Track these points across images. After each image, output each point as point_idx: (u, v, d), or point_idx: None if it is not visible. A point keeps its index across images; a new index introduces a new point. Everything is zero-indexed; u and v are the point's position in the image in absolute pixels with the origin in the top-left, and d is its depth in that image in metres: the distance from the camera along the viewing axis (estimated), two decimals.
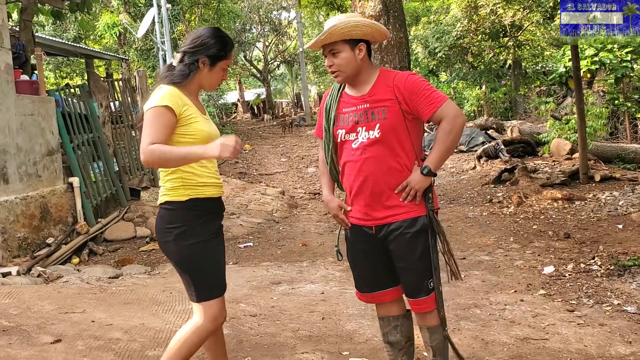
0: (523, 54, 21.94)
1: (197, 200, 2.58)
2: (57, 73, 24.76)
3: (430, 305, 2.72)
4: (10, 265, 6.13)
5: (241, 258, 7.20)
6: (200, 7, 26.17)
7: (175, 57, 2.67)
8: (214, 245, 2.63)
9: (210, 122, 2.73)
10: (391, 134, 2.63)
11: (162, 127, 2.47)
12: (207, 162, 2.62)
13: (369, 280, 2.87)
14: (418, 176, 2.63)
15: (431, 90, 2.61)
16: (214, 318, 2.59)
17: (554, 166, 11.52)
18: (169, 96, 2.51)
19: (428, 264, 2.67)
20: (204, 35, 2.64)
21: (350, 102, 2.74)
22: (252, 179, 14.44)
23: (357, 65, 2.67)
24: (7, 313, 4.25)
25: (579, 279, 5.12)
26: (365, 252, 2.80)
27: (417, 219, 2.66)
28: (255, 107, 39.19)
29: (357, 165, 2.69)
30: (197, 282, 2.59)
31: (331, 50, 2.67)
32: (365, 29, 2.65)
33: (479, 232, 7.44)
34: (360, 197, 2.73)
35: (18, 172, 6.79)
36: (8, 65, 6.82)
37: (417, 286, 2.70)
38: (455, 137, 2.62)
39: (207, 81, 2.67)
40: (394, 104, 2.62)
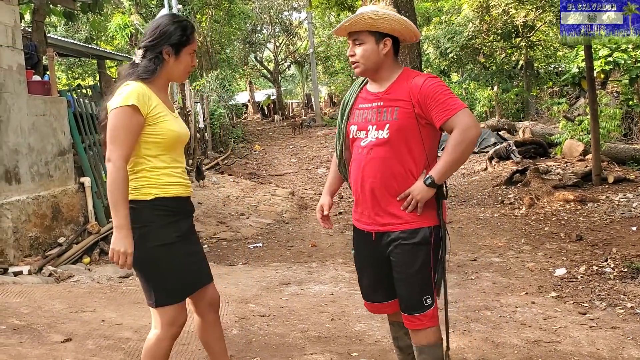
0: (535, 54, 21.82)
1: (163, 199, 2.46)
2: (69, 74, 24.94)
3: (425, 323, 2.56)
4: (22, 264, 6.16)
5: (250, 258, 7.21)
6: (211, 8, 26.24)
7: (137, 54, 2.54)
8: (179, 248, 2.49)
9: (180, 121, 2.63)
10: (400, 137, 2.50)
11: (130, 133, 2.38)
12: (173, 162, 2.53)
13: (372, 290, 2.76)
14: (420, 186, 2.47)
15: (447, 97, 2.44)
16: (169, 324, 2.49)
17: (567, 167, 11.45)
18: (135, 94, 2.39)
19: (427, 279, 2.53)
20: (162, 24, 2.51)
21: (367, 99, 2.64)
22: (262, 180, 14.47)
23: (378, 60, 2.55)
24: (18, 312, 4.27)
25: (591, 282, 5.07)
26: (367, 259, 2.71)
27: (418, 230, 2.51)
28: (265, 107, 39.27)
29: (361, 166, 2.58)
30: (154, 286, 2.47)
31: (355, 39, 2.56)
32: (393, 23, 2.50)
33: (490, 234, 7.40)
34: (362, 200, 2.62)
35: (30, 172, 6.83)
36: (20, 66, 6.86)
37: (412, 301, 2.55)
38: (466, 150, 2.43)
39: (175, 72, 2.55)
40: (407, 106, 2.49)
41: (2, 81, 6.45)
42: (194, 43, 2.56)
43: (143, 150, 2.46)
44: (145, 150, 2.47)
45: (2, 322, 3.99)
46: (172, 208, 2.50)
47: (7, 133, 6.46)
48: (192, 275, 2.57)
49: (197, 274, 2.61)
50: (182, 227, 2.53)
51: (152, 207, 2.44)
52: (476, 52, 20.86)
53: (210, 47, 27.26)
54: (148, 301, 2.53)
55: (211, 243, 8.20)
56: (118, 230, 2.34)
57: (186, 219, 2.60)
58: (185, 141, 2.64)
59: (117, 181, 2.34)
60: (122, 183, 2.35)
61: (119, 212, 2.34)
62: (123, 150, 2.36)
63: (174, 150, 2.54)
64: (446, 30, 20.73)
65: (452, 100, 2.44)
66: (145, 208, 2.43)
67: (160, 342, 2.51)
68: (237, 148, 20.16)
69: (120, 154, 2.35)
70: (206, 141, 18.25)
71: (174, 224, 2.49)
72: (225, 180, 13.12)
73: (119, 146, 2.36)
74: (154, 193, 2.45)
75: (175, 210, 2.52)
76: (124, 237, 2.34)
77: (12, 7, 6.79)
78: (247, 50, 35.30)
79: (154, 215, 2.44)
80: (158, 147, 2.48)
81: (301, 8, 34.20)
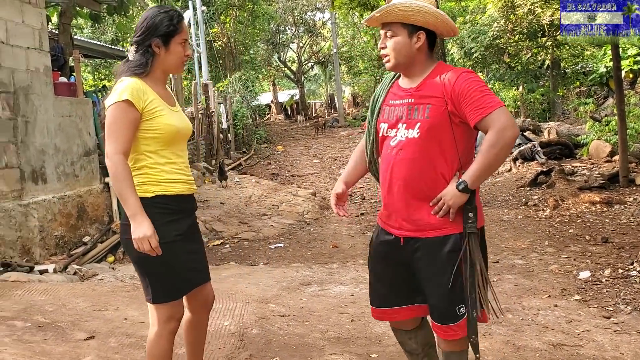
0: (562, 54, 21.52)
1: (163, 197, 2.44)
2: (95, 75, 25.30)
3: (458, 334, 2.39)
4: (48, 262, 6.27)
5: (272, 259, 7.24)
6: (235, 9, 26.41)
7: (130, 51, 2.53)
8: (179, 247, 2.46)
9: (180, 114, 2.59)
10: (432, 137, 2.32)
11: (126, 128, 2.36)
12: (175, 157, 2.50)
13: (383, 294, 2.58)
14: (453, 191, 2.29)
15: (483, 94, 2.25)
16: (166, 321, 2.49)
17: (593, 169, 11.28)
18: (129, 89, 2.37)
19: (459, 288, 2.34)
20: (147, 17, 2.48)
21: (398, 95, 2.47)
22: (284, 180, 14.52)
23: (410, 55, 2.39)
24: (43, 309, 4.35)
25: (616, 285, 4.99)
26: (387, 260, 2.54)
27: (449, 237, 2.33)
28: (288, 108, 39.38)
29: (389, 166, 2.42)
30: (152, 283, 2.47)
31: (387, 31, 2.40)
32: (428, 16, 2.33)
33: (513, 236, 7.32)
34: (390, 202, 2.46)
35: (56, 172, 6.95)
36: (47, 68, 6.99)
37: (446, 311, 2.38)
38: (501, 152, 2.23)
39: (168, 63, 2.51)
40: (440, 103, 2.31)
41: (29, 83, 6.57)
42: (184, 32, 2.51)
43: (142, 146, 2.45)
44: (145, 146, 2.45)
45: (27, 319, 4.07)
46: (172, 206, 2.47)
47: (34, 134, 6.58)
48: (190, 275, 2.56)
49: (195, 273, 2.60)
50: (183, 226, 2.51)
51: (152, 205, 2.41)
52: (501, 51, 20.64)
53: (234, 48, 27.44)
54: (146, 297, 2.52)
55: (233, 243, 8.25)
56: (133, 219, 2.34)
57: (188, 217, 2.57)
58: (187, 135, 2.61)
59: (118, 174, 2.33)
60: (123, 174, 2.33)
61: (127, 201, 2.34)
62: (119, 145, 2.34)
63: (174, 144, 2.51)
64: (470, 30, 20.55)
65: (488, 97, 2.26)
66: (146, 206, 2.38)
67: (159, 339, 2.51)
68: (260, 148, 20.27)
69: (116, 148, 2.34)
70: (229, 142, 18.38)
71: (174, 223, 2.47)
72: (248, 181, 13.20)
73: (115, 141, 2.35)
74: (154, 190, 2.43)
75: (176, 208, 2.49)
76: (140, 223, 2.33)
77: (39, 10, 6.92)
78: (271, 50, 35.46)
79: (154, 213, 2.39)
80: (157, 142, 2.45)
81: (325, 8, 34.24)
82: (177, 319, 2.54)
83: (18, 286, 5.04)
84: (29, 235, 6.28)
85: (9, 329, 3.83)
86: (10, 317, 4.07)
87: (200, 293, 2.65)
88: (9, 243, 5.99)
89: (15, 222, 6.10)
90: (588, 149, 12.43)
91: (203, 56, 21.51)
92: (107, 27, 22.29)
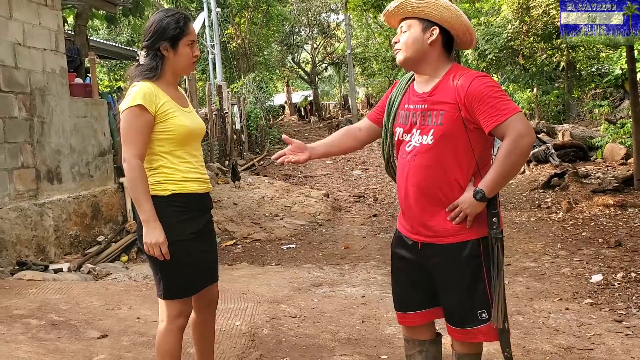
0: (577, 55, 21.37)
1: (179, 195, 2.51)
2: (111, 75, 25.53)
3: (478, 337, 2.35)
4: (62, 262, 6.35)
5: (283, 259, 7.27)
6: (250, 11, 26.51)
7: (141, 55, 2.60)
8: (193, 246, 2.53)
9: (193, 115, 2.65)
10: (446, 144, 2.26)
11: (141, 132, 2.44)
12: (189, 157, 2.57)
13: (403, 299, 2.55)
14: (470, 199, 2.25)
15: (498, 99, 2.18)
16: (175, 317, 2.56)
17: (607, 171, 11.20)
18: (141, 93, 2.44)
19: (481, 293, 2.30)
20: (155, 21, 2.54)
21: (412, 99, 2.41)
22: (297, 181, 14.56)
23: (422, 50, 2.32)
24: (57, 308, 4.41)
25: (628, 289, 4.96)
26: (405, 265, 2.51)
27: (466, 243, 2.30)
28: (302, 109, 39.44)
29: (405, 173, 2.38)
30: (164, 279, 2.53)
31: (402, 26, 2.37)
32: (443, 10, 2.27)
33: (525, 238, 7.30)
34: (407, 208, 2.43)
35: (71, 172, 7.03)
36: (63, 69, 7.08)
37: (465, 315, 2.33)
38: (517, 160, 2.19)
39: (178, 65, 2.57)
40: (453, 110, 2.24)
41: (45, 84, 6.67)
42: (191, 34, 2.56)
43: (157, 147, 2.52)
44: (159, 147, 2.52)
45: (42, 317, 4.12)
46: (187, 205, 2.54)
47: (49, 134, 6.67)
48: (201, 274, 2.62)
49: (206, 273, 2.66)
50: (197, 225, 2.57)
51: (168, 203, 2.48)
52: (515, 53, 20.55)
53: (248, 49, 27.55)
54: (157, 292, 2.59)
55: (245, 243, 8.30)
56: (146, 224, 2.43)
57: (202, 215, 2.63)
58: (200, 135, 2.67)
59: (134, 179, 2.42)
60: (139, 180, 2.42)
61: (142, 206, 2.43)
62: (135, 149, 2.43)
63: (187, 144, 2.57)
64: (484, 31, 20.48)
65: (503, 103, 2.18)
66: (161, 203, 2.47)
67: (168, 334, 2.57)
68: (273, 149, 20.33)
69: (133, 152, 2.42)
70: (242, 142, 18.46)
71: (189, 221, 2.53)
72: (261, 182, 13.25)
73: (131, 145, 2.43)
74: (170, 189, 2.50)
75: (191, 207, 2.55)
76: (153, 229, 2.42)
77: (55, 12, 7.01)
78: (285, 52, 35.56)
79: (169, 211, 2.48)
80: (170, 143, 2.52)
81: (339, 10, 34.26)
82: (186, 316, 2.62)
83: (33, 285, 5.11)
84: (44, 234, 6.37)
85: (24, 327, 3.89)
86: (25, 315, 4.13)
87: (206, 293, 2.71)
88: (24, 242, 6.07)
89: (30, 222, 6.19)
90: (603, 151, 12.34)
91: (217, 57, 21.62)
92: (123, 28, 22.49)
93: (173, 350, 2.59)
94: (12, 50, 6.23)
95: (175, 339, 2.58)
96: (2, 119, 6.01)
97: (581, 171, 10.99)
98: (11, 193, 6.05)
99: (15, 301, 4.49)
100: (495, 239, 2.27)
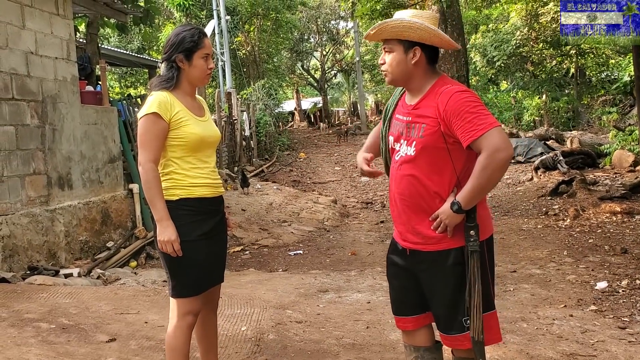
0: (587, 62, 21.34)
1: (187, 199, 2.66)
2: (121, 82, 25.76)
3: (465, 344, 2.41)
4: (72, 267, 6.44)
5: (291, 265, 7.31)
6: (259, 18, 26.65)
7: (161, 68, 2.80)
8: (201, 247, 2.68)
9: (207, 124, 2.79)
10: (426, 156, 2.35)
11: (156, 138, 2.61)
12: (200, 163, 2.72)
13: (398, 303, 2.63)
14: (448, 210, 2.31)
15: (476, 114, 2.23)
16: (184, 314, 2.69)
17: (615, 179, 11.18)
18: (157, 102, 2.62)
19: (465, 301, 2.35)
20: (171, 36, 2.72)
21: (402, 110, 2.51)
22: (306, 187, 14.60)
23: (407, 70, 2.40)
24: (67, 312, 4.48)
25: (633, 296, 4.97)
26: (397, 270, 2.60)
27: (449, 251, 2.37)
28: (311, 115, 39.53)
29: (394, 180, 2.50)
30: (174, 278, 2.69)
31: (385, 47, 2.44)
32: (421, 32, 2.33)
33: (531, 245, 7.31)
34: (396, 214, 2.53)
35: (81, 179, 7.13)
36: (74, 77, 7.19)
37: (450, 322, 2.42)
38: (493, 175, 2.24)
39: (193, 76, 2.72)
40: (433, 124, 2.31)
41: (56, 92, 6.78)
42: (205, 47, 2.71)
43: (170, 153, 2.69)
44: (172, 153, 2.69)
45: (52, 321, 4.20)
46: (196, 208, 2.69)
47: (60, 141, 6.78)
48: (209, 274, 2.76)
49: (213, 273, 2.80)
50: (206, 227, 2.72)
51: (177, 207, 2.65)
52: (524, 60, 20.56)
53: (258, 56, 27.69)
54: (169, 291, 2.76)
55: (253, 249, 8.36)
56: (159, 223, 2.61)
57: (212, 218, 2.76)
58: (214, 143, 2.83)
59: (148, 181, 2.60)
60: (153, 182, 2.60)
61: (156, 206, 2.61)
62: (150, 154, 2.61)
63: (199, 151, 2.72)
64: (493, 38, 20.51)
65: (481, 118, 2.22)
66: (171, 207, 2.63)
67: (177, 331, 2.70)
68: (282, 155, 20.40)
69: (147, 157, 2.60)
70: (252, 149, 18.55)
71: (198, 223, 2.69)
72: (269, 188, 13.32)
73: (145, 150, 2.61)
74: (178, 194, 2.67)
75: (199, 210, 2.71)
76: (166, 227, 2.60)
77: (67, 21, 7.13)
78: (294, 59, 35.68)
79: (179, 214, 2.64)
80: (182, 149, 2.68)
81: (348, 17, 34.35)
82: (195, 314, 2.74)
83: (44, 289, 5.19)
84: (55, 239, 6.46)
85: (35, 330, 3.96)
86: (36, 319, 4.20)
87: (210, 293, 2.85)
88: (35, 247, 6.17)
89: (42, 227, 6.29)
90: (611, 158, 12.32)
91: (227, 64, 21.75)
92: (133, 36, 22.68)
93: (182, 346, 2.71)
94: (25, 59, 6.34)
95: (184, 336, 2.71)
96: (14, 127, 6.12)
97: (589, 178, 10.98)
98: (23, 199, 6.15)
99: (26, 305, 4.57)
100: (471, 251, 2.31)
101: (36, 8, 6.55)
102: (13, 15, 6.20)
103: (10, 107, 6.08)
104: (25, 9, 6.36)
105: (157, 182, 2.61)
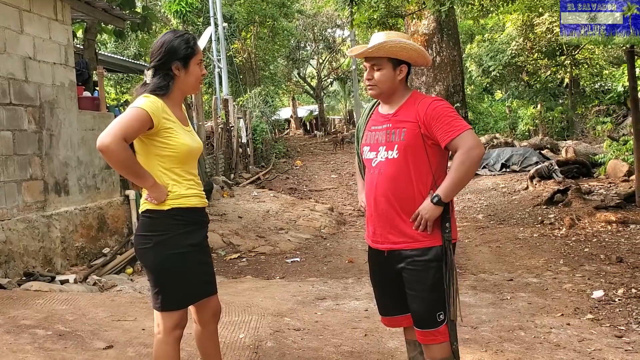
0: (581, 72, 21.48)
1: (178, 209, 2.61)
2: (117, 88, 25.74)
3: (438, 338, 2.65)
4: (69, 273, 6.41)
5: (288, 273, 7.30)
6: (256, 26, 26.72)
7: (147, 75, 2.71)
8: (191, 258, 2.63)
9: (193, 135, 2.74)
10: (408, 157, 2.62)
11: (136, 128, 2.50)
12: (187, 174, 2.67)
13: (386, 304, 2.88)
14: (428, 204, 2.59)
15: (452, 118, 2.57)
16: (172, 328, 2.63)
17: (610, 188, 11.22)
18: (151, 104, 2.54)
19: (440, 296, 2.62)
20: (166, 41, 2.63)
21: (377, 120, 2.77)
22: (302, 195, 14.60)
23: (394, 85, 2.70)
24: (63, 319, 4.46)
25: (629, 304, 4.99)
26: (382, 275, 2.81)
27: (429, 249, 2.61)
28: (307, 123, 39.59)
29: (373, 185, 2.71)
30: (164, 291, 2.61)
31: (374, 64, 2.69)
32: (412, 52, 2.67)
33: (528, 254, 7.33)
34: (374, 218, 2.73)
35: (78, 184, 7.12)
36: (72, 83, 7.19)
37: (425, 317, 2.66)
38: (469, 169, 2.56)
39: (187, 84, 2.69)
40: (414, 127, 2.61)
41: (54, 97, 6.77)
42: (200, 53, 2.69)
43: (158, 163, 2.62)
44: (160, 163, 2.62)
45: (48, 327, 4.18)
46: (187, 218, 2.65)
47: (58, 147, 6.76)
48: (200, 285, 2.72)
49: (204, 284, 2.75)
50: (196, 238, 2.68)
51: (168, 217, 2.60)
52: (519, 70, 20.68)
53: (255, 63, 27.74)
54: (154, 304, 2.66)
55: (250, 257, 8.34)
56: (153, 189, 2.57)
57: (201, 229, 2.74)
58: (198, 154, 2.78)
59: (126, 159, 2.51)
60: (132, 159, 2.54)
61: (144, 176, 2.56)
62: (125, 133, 2.46)
63: (186, 163, 2.68)
64: (489, 48, 20.63)
65: (457, 121, 2.57)
66: (162, 217, 2.59)
67: (165, 346, 2.64)
68: (279, 163, 20.40)
69: (121, 134, 2.45)
70: (248, 156, 18.55)
71: (188, 234, 2.64)
72: (266, 195, 13.31)
73: (122, 128, 2.46)
74: (169, 204, 2.61)
75: (190, 220, 2.66)
76: (157, 187, 2.57)
77: (65, 26, 7.14)
78: (291, 66, 35.79)
79: (170, 224, 2.60)
80: (172, 160, 2.62)
81: (344, 25, 34.49)
82: (182, 327, 2.70)
83: (40, 295, 5.17)
84: (51, 245, 6.44)
85: (31, 337, 3.94)
86: (32, 326, 4.18)
87: (209, 305, 2.80)
88: (31, 253, 6.14)
89: (38, 233, 6.26)
90: (605, 168, 12.38)
91: (224, 71, 21.78)
92: (130, 42, 22.69)
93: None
94: (23, 64, 6.34)
95: (173, 351, 2.66)
96: (12, 132, 6.11)
97: (584, 187, 11.03)
98: (19, 204, 6.13)
99: (22, 311, 4.55)
100: (448, 241, 2.61)
101: (35, 13, 6.56)
102: (11, 20, 6.20)
103: (7, 112, 6.07)
104: (23, 14, 6.37)
105: (134, 157, 2.55)
